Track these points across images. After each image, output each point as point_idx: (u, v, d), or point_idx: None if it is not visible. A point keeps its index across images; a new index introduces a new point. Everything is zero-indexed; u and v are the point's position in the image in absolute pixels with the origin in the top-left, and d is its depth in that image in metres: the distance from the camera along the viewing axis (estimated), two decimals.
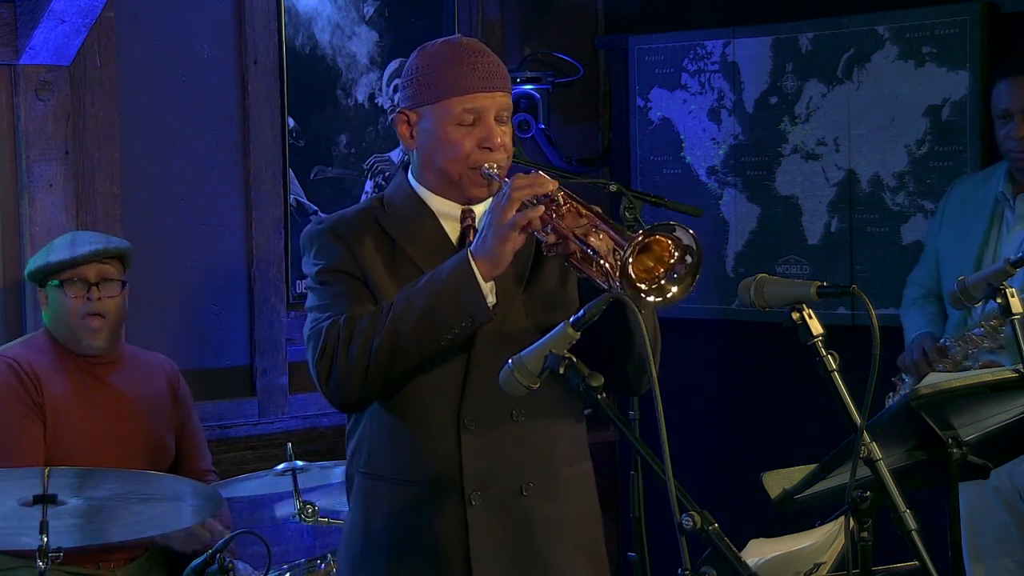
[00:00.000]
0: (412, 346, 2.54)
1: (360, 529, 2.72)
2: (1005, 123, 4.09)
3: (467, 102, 2.63)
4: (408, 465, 2.66)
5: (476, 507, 2.63)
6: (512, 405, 2.63)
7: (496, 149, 2.65)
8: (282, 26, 4.72)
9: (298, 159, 4.78)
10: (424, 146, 2.69)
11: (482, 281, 2.50)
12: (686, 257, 2.40)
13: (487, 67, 2.66)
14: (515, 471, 2.66)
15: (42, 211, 4.14)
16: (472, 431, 2.63)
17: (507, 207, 2.49)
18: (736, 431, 5.20)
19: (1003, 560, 4.06)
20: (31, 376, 3.65)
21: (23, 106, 4.10)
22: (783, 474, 2.74)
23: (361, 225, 2.70)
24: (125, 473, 3.23)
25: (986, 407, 2.74)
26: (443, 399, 2.64)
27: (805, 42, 4.97)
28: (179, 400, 3.92)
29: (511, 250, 2.51)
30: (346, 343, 2.56)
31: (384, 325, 2.54)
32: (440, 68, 2.66)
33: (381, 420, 2.68)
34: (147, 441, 3.77)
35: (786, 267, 5.04)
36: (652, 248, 2.41)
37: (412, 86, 2.69)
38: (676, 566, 2.06)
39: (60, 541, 2.95)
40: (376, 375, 2.56)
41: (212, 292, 4.61)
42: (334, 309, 2.62)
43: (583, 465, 2.78)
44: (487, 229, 2.52)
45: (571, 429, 2.76)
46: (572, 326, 2.26)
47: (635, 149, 5.38)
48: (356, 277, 2.65)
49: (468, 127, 2.64)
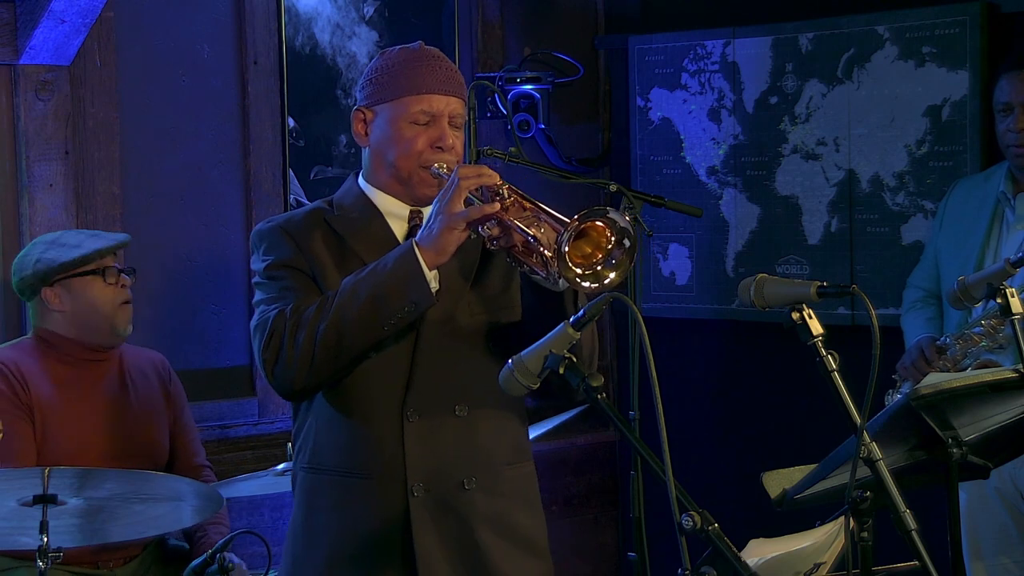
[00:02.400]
0: (357, 332, 2.58)
1: (301, 524, 2.76)
2: (1005, 116, 4.09)
3: (423, 102, 2.72)
4: (351, 457, 2.70)
5: (419, 499, 2.67)
6: (455, 399, 2.69)
7: (447, 150, 2.72)
8: (282, 26, 4.72)
9: (298, 159, 4.78)
10: (377, 143, 2.77)
11: (426, 268, 2.56)
12: (623, 241, 2.44)
13: (444, 71, 2.75)
14: (457, 465, 2.70)
15: (42, 211, 4.14)
16: (414, 423, 2.67)
17: (454, 196, 2.56)
18: (736, 431, 5.20)
19: (1002, 560, 4.06)
20: (18, 377, 3.64)
21: (23, 106, 4.10)
22: (783, 474, 2.74)
23: (310, 224, 2.77)
24: (125, 473, 3.22)
25: (986, 407, 2.74)
26: (387, 392, 2.68)
27: (805, 42, 4.97)
28: (171, 398, 3.91)
29: (456, 240, 2.57)
30: (292, 331, 2.60)
31: (329, 312, 2.59)
32: (398, 69, 2.75)
33: (325, 414, 2.73)
34: (141, 444, 3.76)
35: (786, 267, 5.04)
36: (589, 234, 2.45)
37: (370, 85, 2.80)
38: (676, 566, 2.06)
39: (60, 541, 2.94)
40: (322, 362, 2.60)
41: (212, 292, 4.61)
42: (281, 302, 2.68)
43: (525, 466, 2.83)
44: (434, 217, 2.58)
45: (514, 429, 2.80)
46: (572, 326, 2.27)
47: (635, 149, 5.38)
48: (304, 273, 2.71)
49: (422, 126, 2.72)
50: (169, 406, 3.90)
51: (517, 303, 2.74)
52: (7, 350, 3.76)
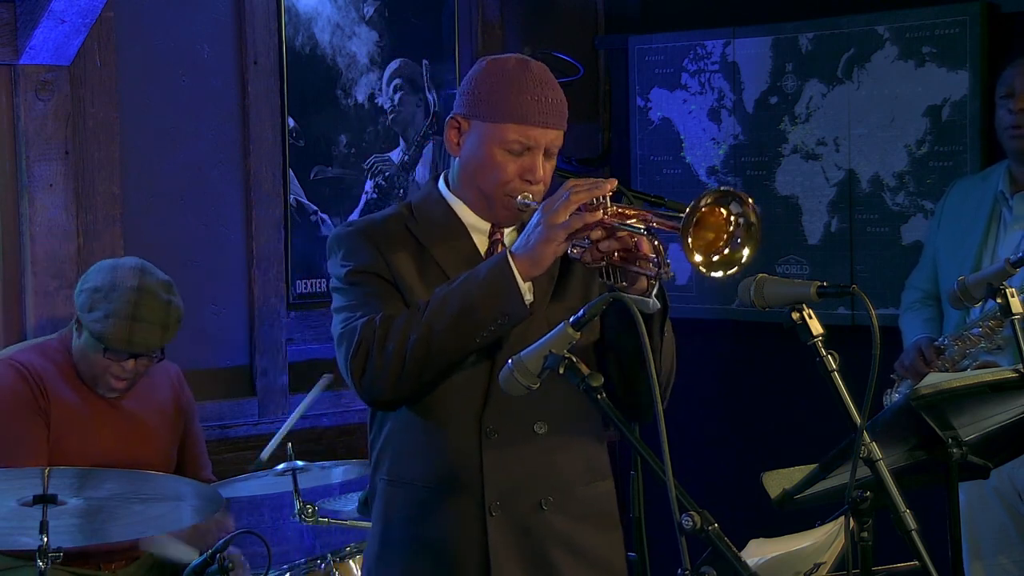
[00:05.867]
0: (448, 343, 2.52)
1: (379, 536, 2.71)
2: (1006, 102, 4.09)
3: (521, 132, 2.62)
4: (428, 471, 2.65)
5: (496, 518, 2.61)
6: (534, 417, 2.63)
7: (536, 183, 2.65)
8: (282, 26, 4.72)
9: (298, 159, 4.78)
10: (467, 158, 2.67)
11: (520, 279, 2.48)
12: (740, 221, 2.36)
13: (550, 103, 2.64)
14: (535, 484, 2.64)
15: (42, 211, 4.14)
16: (493, 440, 2.62)
17: (562, 208, 2.47)
18: (736, 431, 5.20)
19: (1002, 559, 4.06)
20: (38, 382, 3.62)
21: (23, 106, 4.10)
22: (783, 474, 2.74)
23: (391, 230, 2.69)
24: (125, 473, 3.22)
25: (986, 407, 2.74)
26: (466, 406, 2.62)
27: (805, 42, 4.98)
28: (182, 409, 3.89)
29: (553, 253, 2.49)
30: (382, 341, 2.53)
31: (420, 323, 2.52)
32: (504, 88, 2.63)
33: (404, 426, 2.67)
34: (153, 461, 3.74)
35: (786, 267, 5.04)
36: (707, 220, 2.36)
37: (472, 95, 2.67)
38: (676, 566, 2.06)
39: (60, 541, 2.95)
40: (411, 373, 2.53)
41: (212, 292, 4.61)
42: (366, 308, 2.60)
43: (603, 485, 2.77)
44: (534, 228, 2.50)
45: (592, 447, 2.75)
46: (572, 326, 2.27)
47: (635, 149, 5.39)
48: (386, 279, 2.63)
49: (515, 155, 2.63)
50: (179, 419, 3.87)
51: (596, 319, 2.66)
52: (31, 353, 3.73)
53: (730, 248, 2.36)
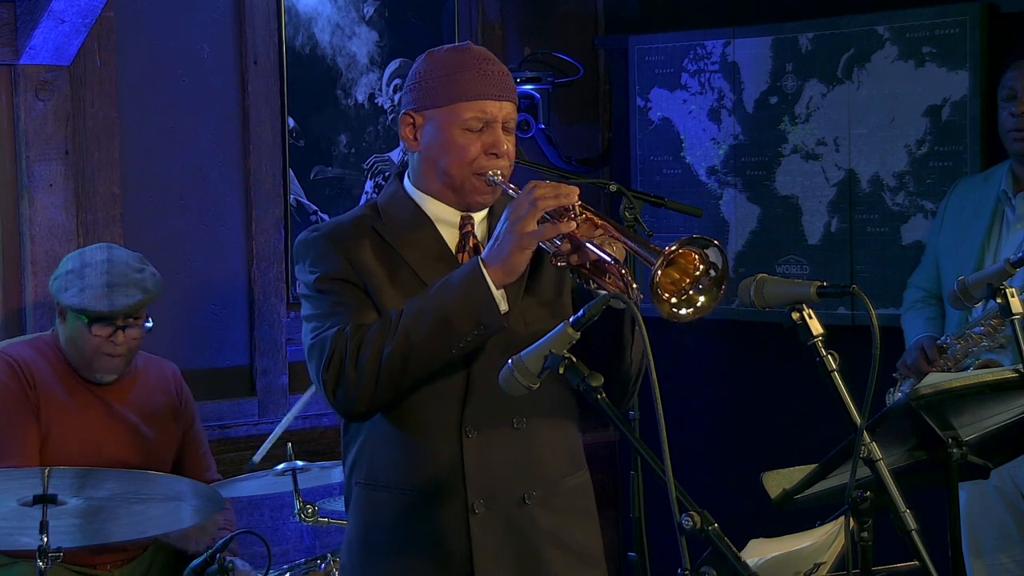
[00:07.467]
0: (424, 355, 2.51)
1: (360, 542, 2.70)
2: (1008, 104, 4.09)
3: (477, 108, 2.63)
4: (409, 474, 2.64)
5: (479, 516, 2.61)
6: (513, 413, 2.63)
7: (502, 156, 2.64)
8: (282, 26, 4.72)
9: (298, 159, 4.79)
10: (428, 149, 2.67)
11: (495, 289, 2.48)
12: (710, 271, 2.40)
13: (497, 76, 2.67)
14: (517, 480, 2.64)
15: (42, 211, 4.14)
16: (473, 439, 2.61)
17: (528, 216, 2.47)
18: (736, 431, 5.20)
19: (1002, 558, 4.06)
20: (27, 376, 3.63)
21: (23, 106, 4.10)
22: (783, 474, 2.74)
23: (358, 233, 2.67)
24: (125, 473, 3.23)
25: (986, 407, 2.74)
26: (445, 407, 2.62)
27: (805, 42, 4.97)
28: (182, 410, 3.89)
29: (526, 260, 2.49)
30: (355, 352, 2.52)
31: (395, 334, 2.51)
32: (450, 73, 2.65)
33: (382, 430, 2.65)
34: (145, 454, 3.74)
35: (786, 267, 5.04)
36: (677, 261, 2.40)
37: (419, 89, 2.68)
38: (676, 566, 2.06)
39: (60, 541, 2.95)
40: (386, 384, 2.53)
41: (212, 292, 4.61)
42: (336, 318, 2.59)
43: (582, 475, 2.77)
44: (504, 236, 2.50)
45: (570, 438, 2.75)
46: (572, 326, 2.27)
47: (635, 149, 5.38)
48: (356, 285, 2.62)
49: (475, 133, 2.63)
50: (178, 420, 3.87)
51: (570, 311, 2.65)
52: (22, 347, 3.74)
53: (692, 291, 2.41)
